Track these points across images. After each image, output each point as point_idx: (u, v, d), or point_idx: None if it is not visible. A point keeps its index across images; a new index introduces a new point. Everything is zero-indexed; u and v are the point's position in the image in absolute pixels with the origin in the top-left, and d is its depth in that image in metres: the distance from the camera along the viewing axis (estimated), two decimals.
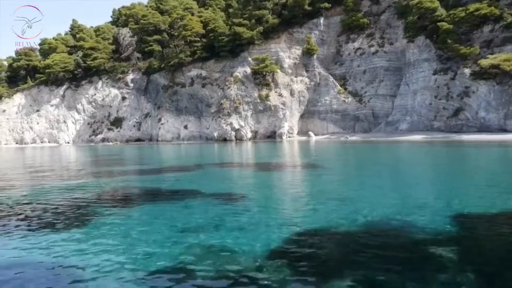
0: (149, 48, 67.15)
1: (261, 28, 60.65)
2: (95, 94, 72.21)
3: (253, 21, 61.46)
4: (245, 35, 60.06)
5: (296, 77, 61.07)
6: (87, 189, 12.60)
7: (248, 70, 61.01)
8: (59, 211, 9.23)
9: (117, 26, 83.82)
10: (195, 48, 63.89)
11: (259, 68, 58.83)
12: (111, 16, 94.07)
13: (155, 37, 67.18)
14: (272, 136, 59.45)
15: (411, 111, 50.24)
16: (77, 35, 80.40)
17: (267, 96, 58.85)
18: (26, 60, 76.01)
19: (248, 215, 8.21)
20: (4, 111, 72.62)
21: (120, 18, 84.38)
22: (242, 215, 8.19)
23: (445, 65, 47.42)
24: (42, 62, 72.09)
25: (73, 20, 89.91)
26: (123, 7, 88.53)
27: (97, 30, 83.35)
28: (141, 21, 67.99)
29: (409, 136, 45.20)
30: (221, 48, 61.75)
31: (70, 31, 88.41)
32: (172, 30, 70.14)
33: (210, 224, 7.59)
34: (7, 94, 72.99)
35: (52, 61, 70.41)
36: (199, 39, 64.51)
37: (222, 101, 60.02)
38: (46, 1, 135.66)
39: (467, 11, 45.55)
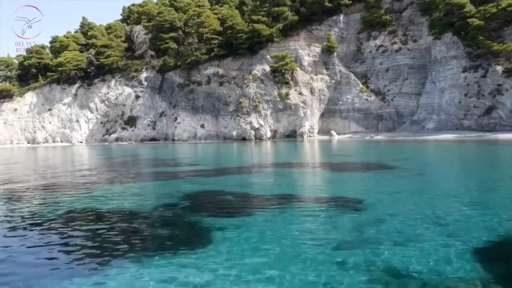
0: (164, 45, 65.83)
1: (280, 25, 59.39)
2: (108, 92, 70.91)
3: (270, 18, 60.24)
4: (264, 32, 58.79)
5: (316, 75, 59.83)
6: (166, 194, 11.34)
7: (267, 68, 59.77)
8: (160, 224, 7.88)
9: (128, 24, 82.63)
10: (212, 45, 62.52)
11: (279, 66, 57.57)
12: (121, 14, 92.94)
13: (171, 34, 65.84)
14: (292, 135, 58.21)
15: (438, 109, 48.99)
16: (89, 33, 79.08)
17: (287, 94, 57.61)
18: (37, 58, 74.66)
19: (391, 225, 6.97)
20: (15, 110, 71.30)
21: (132, 16, 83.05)
22: (387, 226, 6.93)
23: (475, 63, 46.20)
24: (54, 60, 70.72)
25: (83, 18, 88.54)
26: (133, 4, 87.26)
27: (108, 28, 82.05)
28: (157, 18, 66.63)
29: (437, 135, 43.96)
30: (239, 46, 60.46)
31: (80, 29, 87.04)
32: (186, 27, 68.85)
33: (352, 237, 6.36)
34: (19, 92, 71.67)
35: (65, 59, 69.11)
36: (216, 36, 63.09)
37: (240, 100, 58.77)
38: None
39: (499, 7, 44.31)
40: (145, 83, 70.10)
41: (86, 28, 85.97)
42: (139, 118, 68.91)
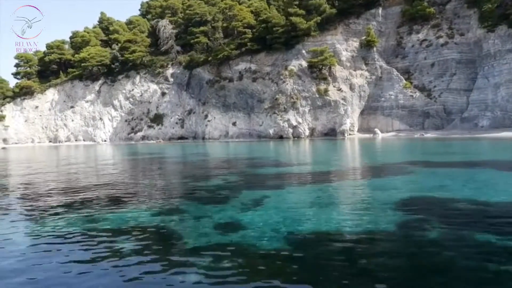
0: (195, 40, 63.18)
1: (318, 19, 56.81)
2: (132, 89, 68.31)
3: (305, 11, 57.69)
4: (301, 26, 56.23)
5: (355, 70, 57.27)
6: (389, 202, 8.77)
7: (304, 63, 57.22)
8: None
9: (147, 19, 79.99)
10: (245, 40, 59.89)
11: (318, 61, 55.00)
12: (140, 9, 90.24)
13: (202, 28, 63.22)
14: (330, 133, 55.67)
15: (493, 106, 46.49)
16: (110, 28, 76.43)
17: (326, 90, 55.06)
18: (58, 53, 71.98)
19: None
20: (36, 107, 68.66)
21: (153, 11, 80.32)
22: None
23: None
24: (76, 55, 68.04)
25: (102, 13, 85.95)
26: None
27: (129, 23, 79.48)
28: (186, 11, 64.04)
29: (495, 133, 41.34)
30: (274, 40, 57.90)
31: (98, 24, 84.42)
32: (213, 21, 66.25)
33: None
34: (40, 89, 69.00)
35: (88, 54, 66.45)
36: (249, 30, 60.50)
37: (277, 96, 56.19)
38: None
39: None
40: (171, 79, 67.52)
41: (105, 23, 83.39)
42: (166, 116, 66.30)
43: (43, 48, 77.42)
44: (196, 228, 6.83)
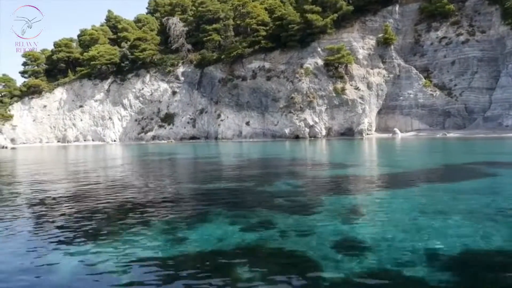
0: (207, 37, 61.86)
1: (335, 16, 55.51)
2: (142, 88, 66.97)
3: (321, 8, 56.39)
4: (317, 23, 54.95)
5: (372, 69, 56.01)
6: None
7: (320, 62, 55.97)
8: None
9: (155, 17, 78.67)
10: (259, 38, 58.57)
11: (334, 59, 53.69)
12: (147, 8, 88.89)
13: (215, 26, 61.89)
14: (346, 133, 54.39)
15: None
16: (119, 26, 75.09)
17: (343, 89, 53.78)
18: (66, 52, 70.62)
19: None
20: (44, 106, 67.29)
21: (162, 8, 78.95)
22: None
23: None
24: (85, 54, 66.69)
25: (109, 11, 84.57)
26: None
27: (137, 21, 78.11)
28: (199, 8, 62.70)
29: None
30: (289, 38, 56.60)
31: (106, 22, 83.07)
32: (225, 19, 64.94)
33: None
34: (48, 88, 67.64)
35: (98, 53, 65.09)
36: (263, 27, 59.17)
37: (293, 95, 54.90)
38: None
39: None
40: (182, 78, 66.21)
41: (112, 21, 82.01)
42: (177, 115, 64.99)
43: (43, 48, 76.34)
44: (313, 249, 5.40)
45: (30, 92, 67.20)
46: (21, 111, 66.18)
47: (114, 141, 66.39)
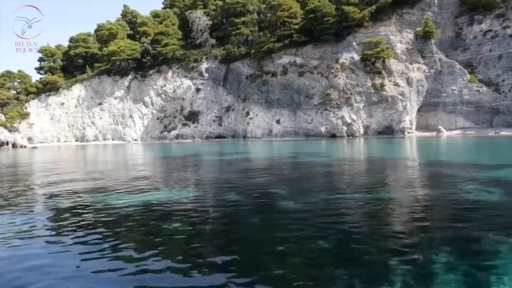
0: (236, 31, 58.95)
1: (373, 8, 52.71)
2: (164, 85, 64.07)
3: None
4: (354, 15, 52.17)
5: (411, 64, 53.19)
6: None
7: (356, 56, 53.18)
8: None
9: (173, 12, 75.74)
10: (291, 31, 55.72)
11: (373, 53, 50.91)
12: (163, 2, 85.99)
13: (244, 18, 59.02)
14: (385, 132, 51.55)
15: None
16: (138, 20, 72.26)
17: (382, 85, 50.97)
18: (83, 47, 67.66)
19: None
20: (62, 104, 64.34)
21: (179, 3, 76.03)
22: None
23: None
24: (105, 49, 63.74)
25: (125, 6, 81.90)
26: None
27: (155, 15, 75.22)
28: (227, 0, 59.73)
29: None
30: (324, 31, 53.78)
31: (122, 17, 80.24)
32: (253, 11, 62.03)
33: None
34: (65, 85, 64.67)
35: (118, 48, 62.16)
36: (295, 20, 56.35)
37: (328, 91, 52.04)
38: None
39: None
40: (206, 74, 63.32)
41: (129, 16, 79.33)
42: (201, 113, 62.08)
43: (58, 44, 73.29)
44: None
45: (46, 89, 64.25)
46: (38, 109, 63.23)
47: (135, 140, 63.47)
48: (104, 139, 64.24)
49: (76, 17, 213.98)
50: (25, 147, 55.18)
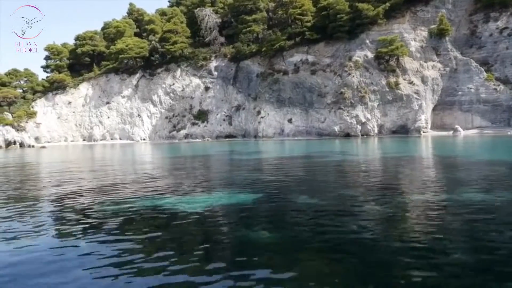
0: (247, 29, 58.08)
1: (386, 5, 51.84)
2: (173, 83, 63.17)
3: None
4: (369, 13, 51.31)
5: (425, 62, 52.34)
6: None
7: (369, 54, 52.31)
8: None
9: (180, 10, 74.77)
10: (304, 29, 54.84)
11: (387, 51, 50.02)
12: (169, 1, 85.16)
13: (255, 16, 58.11)
14: (399, 131, 50.70)
15: None
16: (145, 18, 71.35)
17: (396, 84, 50.10)
18: (91, 45, 66.70)
19: None
20: (69, 103, 63.40)
21: (186, 2, 74.99)
22: None
23: None
24: (112, 47, 62.79)
25: (131, 4, 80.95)
26: None
27: (162, 13, 74.28)
28: None
29: None
30: (337, 29, 52.89)
31: (128, 16, 79.31)
32: (263, 9, 61.14)
33: None
34: (73, 84, 63.74)
35: (126, 45, 61.22)
36: (306, 18, 55.49)
37: (342, 90, 51.17)
38: None
39: None
40: (215, 73, 62.44)
41: (135, 14, 78.40)
42: (211, 112, 61.19)
43: (64, 42, 72.23)
44: None
45: (53, 87, 63.32)
46: (45, 108, 62.29)
47: (144, 139, 62.58)
48: (111, 139, 63.34)
49: (80, 16, 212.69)
50: (33, 146, 54.28)
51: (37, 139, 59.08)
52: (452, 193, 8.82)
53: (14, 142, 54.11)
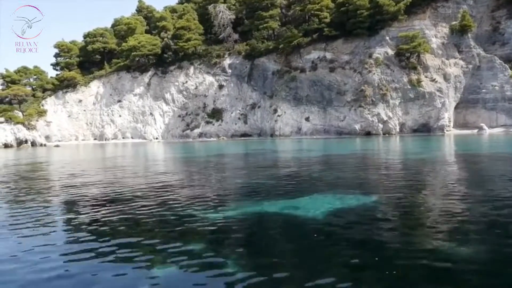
0: (264, 25, 56.84)
1: (408, 0, 50.65)
2: (186, 81, 61.87)
3: None
4: (389, 8, 50.14)
5: (447, 59, 51.17)
6: None
7: (389, 51, 51.12)
8: None
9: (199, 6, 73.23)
10: (322, 25, 53.61)
11: (409, 47, 48.84)
12: None
13: (271, 12, 56.85)
14: (420, 129, 49.52)
15: None
16: (155, 15, 70.06)
17: (419, 81, 48.90)
18: (101, 42, 65.33)
19: None
20: (80, 101, 62.05)
21: None
22: None
23: None
24: (124, 44, 61.43)
25: (140, 1, 79.63)
26: None
27: (172, 10, 72.91)
28: None
29: None
30: (356, 25, 51.66)
31: (137, 13, 77.96)
32: (273, 6, 59.89)
33: None
34: (83, 81, 62.38)
35: (138, 43, 59.90)
36: (324, 14, 54.26)
37: (362, 88, 49.95)
38: None
39: None
40: (229, 70, 61.12)
41: (144, 11, 77.10)
42: (225, 110, 59.90)
43: (72, 40, 70.72)
44: None
45: (63, 85, 62.00)
46: (55, 106, 60.95)
47: (156, 138, 61.26)
48: (123, 138, 62.00)
49: (87, 14, 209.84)
50: (44, 145, 52.94)
51: (47, 138, 57.74)
52: None
53: (26, 141, 52.75)
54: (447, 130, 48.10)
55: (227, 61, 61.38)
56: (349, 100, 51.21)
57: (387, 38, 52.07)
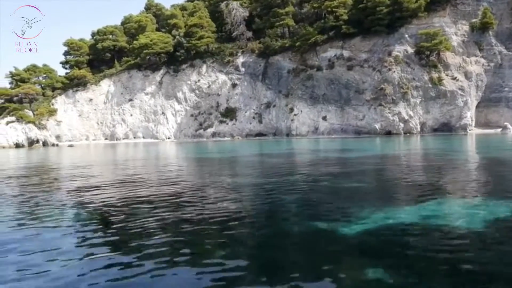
0: (280, 22, 55.78)
1: None
2: (198, 80, 60.74)
3: None
4: (410, 5, 49.15)
5: (468, 57, 50.24)
6: None
7: (409, 49, 50.15)
8: None
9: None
10: (340, 22, 52.57)
11: (430, 45, 47.85)
12: None
13: (287, 9, 55.77)
14: (441, 128, 48.55)
15: None
16: (164, 13, 68.94)
17: (440, 79, 47.93)
18: (112, 40, 64.13)
19: None
20: (90, 100, 60.86)
21: None
22: None
23: None
24: (135, 42, 60.23)
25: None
26: None
27: (182, 8, 71.75)
28: None
29: None
30: (375, 22, 50.61)
31: (145, 11, 76.75)
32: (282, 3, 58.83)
33: None
34: (93, 80, 61.17)
35: (150, 40, 58.72)
36: (342, 11, 53.27)
37: (382, 86, 48.93)
38: None
39: None
40: (243, 69, 60.02)
41: (153, 9, 75.91)
42: (239, 109, 58.80)
43: (81, 38, 69.40)
44: None
45: (73, 84, 60.79)
46: (65, 105, 59.76)
47: (168, 138, 60.11)
48: (134, 137, 60.83)
49: (95, 12, 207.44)
50: (57, 145, 51.73)
51: (58, 137, 56.56)
52: None
53: (37, 141, 51.54)
54: (469, 130, 47.15)
55: (240, 60, 60.28)
56: (368, 99, 50.17)
57: (406, 35, 51.11)
